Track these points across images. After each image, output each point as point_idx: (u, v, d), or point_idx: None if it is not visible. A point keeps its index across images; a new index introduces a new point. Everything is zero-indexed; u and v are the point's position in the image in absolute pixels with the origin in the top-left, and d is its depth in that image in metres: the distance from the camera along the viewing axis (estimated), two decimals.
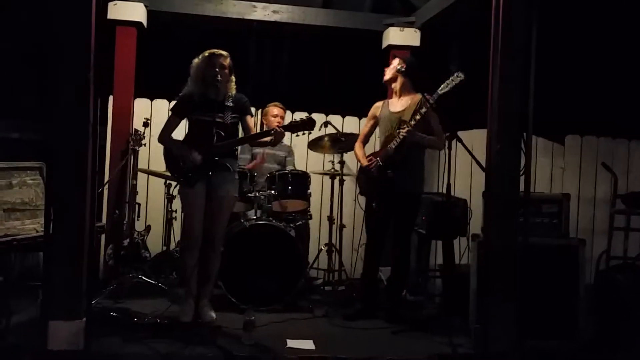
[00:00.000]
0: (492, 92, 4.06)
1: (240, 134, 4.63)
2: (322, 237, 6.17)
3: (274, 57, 7.09)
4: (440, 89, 4.53)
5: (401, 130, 4.62)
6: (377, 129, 5.01)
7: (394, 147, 4.66)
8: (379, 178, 4.72)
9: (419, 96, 4.77)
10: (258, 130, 6.06)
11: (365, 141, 5.06)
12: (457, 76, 4.52)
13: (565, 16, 6.36)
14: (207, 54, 4.37)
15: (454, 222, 5.16)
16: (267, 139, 4.39)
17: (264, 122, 5.93)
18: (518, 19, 4.00)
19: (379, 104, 5.00)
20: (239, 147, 4.88)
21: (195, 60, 4.41)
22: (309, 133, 4.63)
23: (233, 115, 4.41)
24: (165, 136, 4.45)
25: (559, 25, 6.20)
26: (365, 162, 4.81)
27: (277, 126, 4.55)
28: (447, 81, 4.53)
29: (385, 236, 4.92)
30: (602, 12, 6.61)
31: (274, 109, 5.81)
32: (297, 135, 4.43)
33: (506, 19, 3.98)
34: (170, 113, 4.49)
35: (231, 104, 4.41)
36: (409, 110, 4.75)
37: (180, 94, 4.43)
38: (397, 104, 4.86)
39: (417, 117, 4.60)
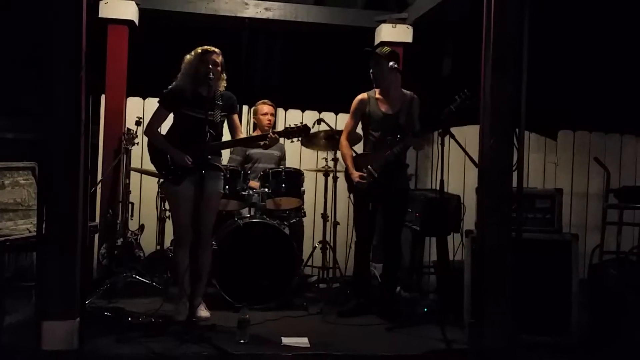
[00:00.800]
0: (484, 88, 4.06)
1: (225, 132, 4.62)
2: (317, 235, 6.17)
3: (266, 55, 7.08)
4: (453, 105, 4.43)
5: (406, 139, 4.63)
6: (361, 123, 4.94)
7: (395, 152, 4.66)
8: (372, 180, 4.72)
9: (408, 94, 4.78)
10: (245, 128, 6.07)
11: (352, 139, 4.98)
12: (469, 96, 4.43)
13: (558, 11, 6.36)
14: (200, 50, 4.35)
15: (447, 218, 5.17)
16: (260, 142, 4.40)
17: (255, 120, 5.91)
18: (510, 14, 4.00)
19: (363, 97, 4.85)
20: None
21: (188, 56, 4.39)
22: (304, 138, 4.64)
23: (222, 113, 4.42)
24: (153, 130, 4.43)
25: (551, 20, 6.21)
26: (356, 176, 4.71)
27: (271, 130, 4.55)
28: (459, 99, 4.41)
29: (374, 233, 4.92)
30: (594, 6, 6.62)
31: (264, 107, 5.78)
32: (292, 142, 4.42)
33: (498, 14, 3.99)
34: (158, 105, 4.43)
35: (220, 102, 4.40)
36: (404, 112, 4.76)
37: (169, 87, 4.40)
38: (388, 103, 4.80)
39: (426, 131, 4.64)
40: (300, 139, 4.42)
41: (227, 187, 4.75)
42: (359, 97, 4.88)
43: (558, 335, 4.18)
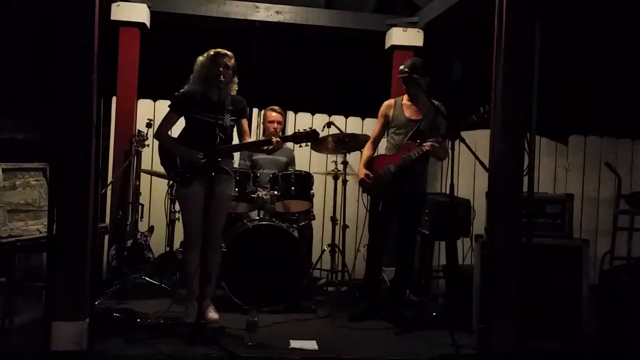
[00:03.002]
0: (495, 92, 4.05)
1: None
2: (325, 238, 6.16)
3: (276, 58, 7.08)
4: (475, 115, 4.43)
5: (425, 145, 4.61)
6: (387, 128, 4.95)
7: (414, 157, 4.64)
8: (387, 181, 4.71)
9: (437, 104, 4.78)
10: (255, 131, 6.07)
11: (377, 143, 4.98)
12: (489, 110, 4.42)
13: (569, 15, 6.33)
14: (212, 53, 4.37)
15: (457, 222, 5.15)
16: (265, 147, 4.41)
17: (264, 125, 5.90)
18: (521, 18, 3.99)
19: (390, 102, 4.94)
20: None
21: (200, 58, 4.41)
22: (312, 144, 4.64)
23: (232, 117, 4.42)
24: (162, 133, 4.44)
25: (563, 24, 6.18)
26: (362, 174, 4.74)
27: (276, 134, 4.54)
28: (483, 110, 4.38)
29: (387, 236, 4.91)
30: (605, 10, 6.59)
31: (272, 114, 5.76)
32: (300, 147, 4.42)
33: (509, 19, 3.97)
34: (169, 109, 4.46)
35: (231, 107, 4.41)
36: (427, 120, 4.76)
37: (181, 91, 4.42)
38: (414, 109, 4.82)
39: (440, 140, 4.64)
40: (308, 144, 4.41)
41: (236, 189, 4.76)
42: (386, 102, 4.97)
43: (568, 341, 4.16)
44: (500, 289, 3.99)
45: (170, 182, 5.39)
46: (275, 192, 5.15)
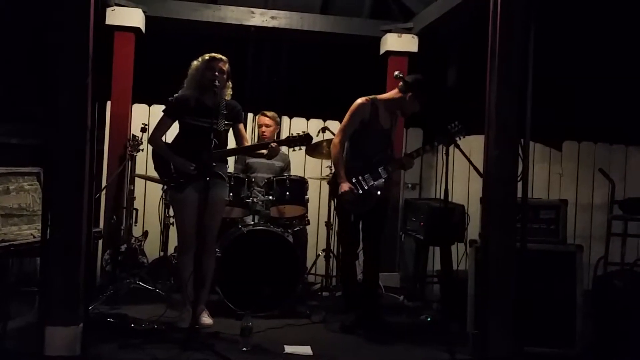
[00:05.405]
0: (489, 98, 4.06)
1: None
2: (320, 243, 6.16)
3: (272, 63, 7.09)
4: (420, 150, 4.79)
5: (403, 159, 4.68)
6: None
7: (390, 170, 4.59)
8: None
9: (398, 112, 4.77)
10: (250, 136, 6.06)
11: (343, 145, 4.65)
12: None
13: (563, 22, 6.36)
14: (207, 57, 4.37)
15: (451, 227, 5.16)
16: (262, 151, 4.41)
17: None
18: (516, 25, 4.00)
19: (365, 104, 4.58)
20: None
21: (195, 63, 4.41)
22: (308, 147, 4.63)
23: (226, 122, 4.42)
24: (156, 138, 4.44)
25: (557, 32, 6.21)
26: (346, 187, 4.46)
27: (271, 140, 4.59)
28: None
29: (359, 243, 4.76)
30: (600, 17, 6.62)
31: (262, 119, 5.74)
32: (294, 150, 4.42)
33: (504, 25, 3.99)
34: (162, 114, 4.44)
35: (225, 111, 4.41)
36: (393, 130, 4.75)
37: (175, 95, 4.42)
38: (385, 116, 4.66)
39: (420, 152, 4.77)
40: (302, 147, 4.41)
41: (231, 194, 4.76)
42: (361, 101, 4.60)
43: (562, 347, 4.16)
44: (495, 295, 3.99)
45: (165, 186, 5.38)
46: (270, 197, 5.15)
